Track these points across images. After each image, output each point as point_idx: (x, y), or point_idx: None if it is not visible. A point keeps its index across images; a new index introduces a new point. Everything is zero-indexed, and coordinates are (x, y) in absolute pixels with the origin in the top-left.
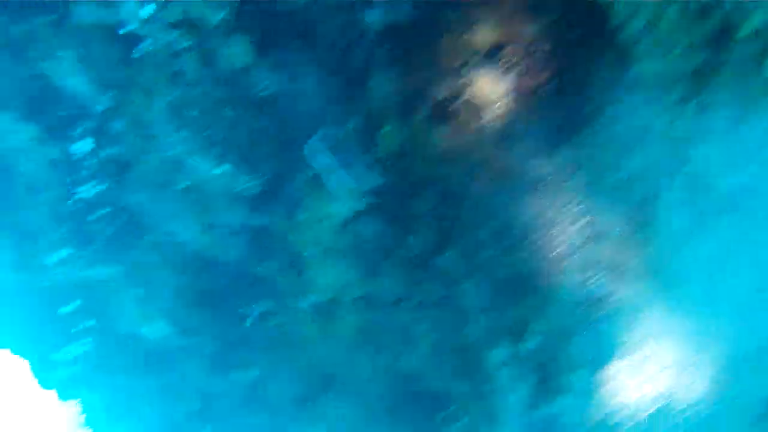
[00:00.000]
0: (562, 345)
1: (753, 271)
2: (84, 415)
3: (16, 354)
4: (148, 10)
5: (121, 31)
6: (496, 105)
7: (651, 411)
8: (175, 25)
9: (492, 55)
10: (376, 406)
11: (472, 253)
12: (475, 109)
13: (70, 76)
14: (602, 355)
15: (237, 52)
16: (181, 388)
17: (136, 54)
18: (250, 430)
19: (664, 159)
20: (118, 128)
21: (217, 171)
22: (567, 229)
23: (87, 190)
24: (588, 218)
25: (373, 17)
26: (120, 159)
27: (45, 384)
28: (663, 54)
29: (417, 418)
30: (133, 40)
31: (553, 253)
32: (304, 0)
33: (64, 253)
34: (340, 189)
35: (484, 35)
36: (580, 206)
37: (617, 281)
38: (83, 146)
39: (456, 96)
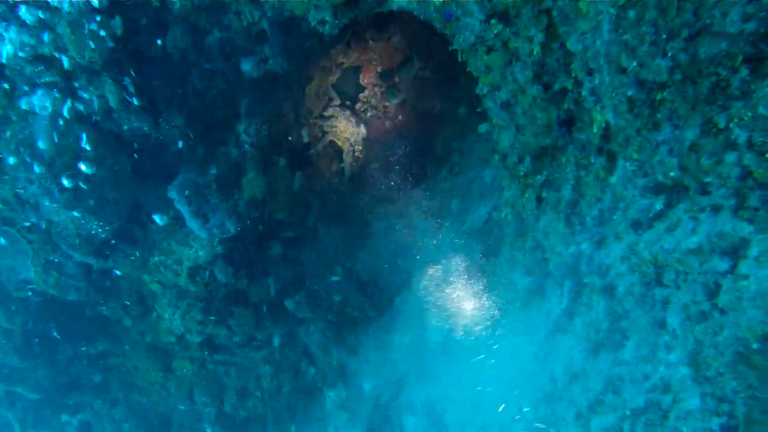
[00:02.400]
0: (398, 387)
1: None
2: None
3: None
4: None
5: None
6: (354, 150)
7: None
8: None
9: (353, 101)
10: None
11: (316, 298)
12: (333, 154)
13: None
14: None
15: (105, 92)
16: None
17: None
18: None
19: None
20: None
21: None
22: (415, 276)
23: None
24: (436, 267)
25: (248, 67)
26: None
27: None
28: (518, 129)
29: None
30: None
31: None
32: (183, 45)
33: None
34: (198, 234)
35: (348, 83)
36: (428, 254)
37: (461, 327)
38: None
39: (316, 141)
